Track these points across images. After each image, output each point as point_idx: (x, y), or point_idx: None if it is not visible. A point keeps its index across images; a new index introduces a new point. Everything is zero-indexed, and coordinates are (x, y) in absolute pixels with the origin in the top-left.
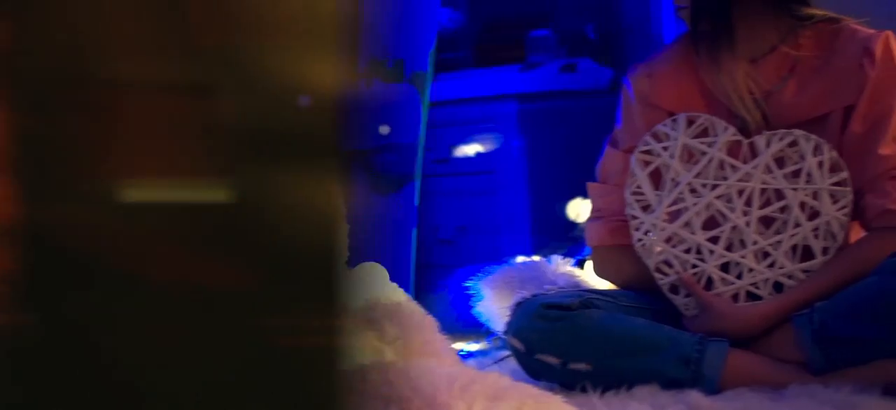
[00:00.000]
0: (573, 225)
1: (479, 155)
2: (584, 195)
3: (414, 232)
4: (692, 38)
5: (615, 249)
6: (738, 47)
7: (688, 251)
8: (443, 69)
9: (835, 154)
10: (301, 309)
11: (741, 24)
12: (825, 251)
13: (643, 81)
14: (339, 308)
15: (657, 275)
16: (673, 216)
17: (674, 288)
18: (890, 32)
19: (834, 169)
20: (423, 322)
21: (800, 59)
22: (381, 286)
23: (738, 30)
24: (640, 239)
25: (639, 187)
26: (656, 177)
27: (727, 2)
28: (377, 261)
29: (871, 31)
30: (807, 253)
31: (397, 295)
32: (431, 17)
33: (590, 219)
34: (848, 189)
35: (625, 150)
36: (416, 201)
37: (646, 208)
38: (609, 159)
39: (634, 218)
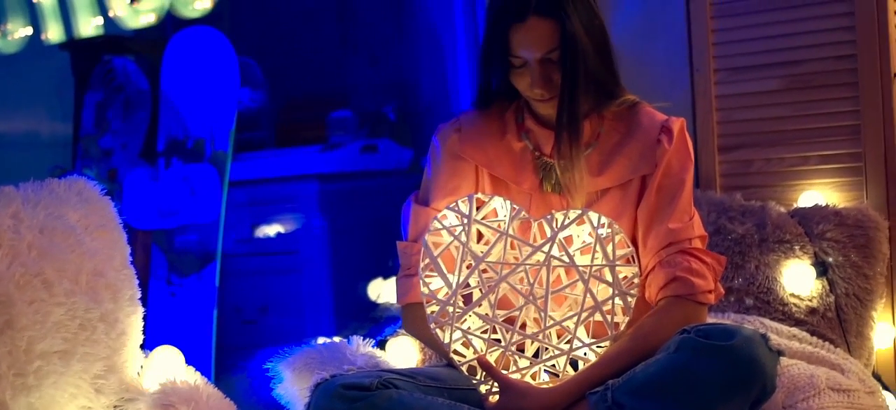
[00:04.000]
0: (374, 305)
1: (280, 235)
2: (386, 275)
3: (214, 313)
4: (559, 123)
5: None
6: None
7: (484, 332)
8: (244, 149)
9: (622, 231)
10: None
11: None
12: (617, 326)
13: (452, 136)
14: None
15: (455, 357)
16: (467, 298)
17: (472, 370)
18: (684, 119)
19: (622, 244)
20: (221, 405)
21: (603, 131)
22: (177, 369)
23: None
24: (435, 322)
25: (432, 270)
26: (449, 260)
27: (579, 90)
28: (176, 344)
29: (665, 115)
30: (600, 329)
31: (194, 378)
32: (231, 97)
33: (399, 276)
34: (635, 266)
35: (432, 207)
36: (217, 281)
37: (440, 290)
38: (417, 216)
39: (429, 302)
